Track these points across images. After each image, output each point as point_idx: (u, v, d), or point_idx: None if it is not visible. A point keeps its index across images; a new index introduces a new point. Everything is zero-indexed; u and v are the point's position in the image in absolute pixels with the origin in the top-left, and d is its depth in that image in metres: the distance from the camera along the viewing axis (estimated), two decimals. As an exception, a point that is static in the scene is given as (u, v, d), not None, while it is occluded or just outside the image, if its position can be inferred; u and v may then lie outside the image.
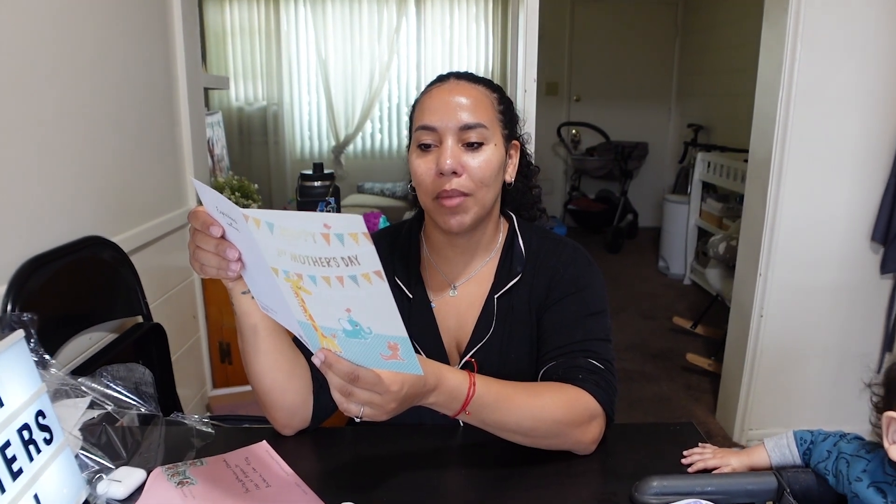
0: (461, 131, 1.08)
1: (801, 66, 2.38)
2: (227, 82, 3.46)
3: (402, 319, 0.70)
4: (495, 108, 1.14)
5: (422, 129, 1.10)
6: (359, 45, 5.16)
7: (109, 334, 1.82)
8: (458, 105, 1.09)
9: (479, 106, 1.10)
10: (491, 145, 1.10)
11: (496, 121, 1.13)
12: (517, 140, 1.22)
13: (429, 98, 1.13)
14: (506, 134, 1.16)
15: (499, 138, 1.12)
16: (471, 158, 1.08)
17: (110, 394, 1.07)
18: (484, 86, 1.16)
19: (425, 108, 1.11)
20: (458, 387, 0.92)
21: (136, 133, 2.03)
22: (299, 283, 0.73)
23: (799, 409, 2.75)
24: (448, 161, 1.06)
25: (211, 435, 1.13)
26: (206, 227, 0.84)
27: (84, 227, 1.72)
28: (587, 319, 1.13)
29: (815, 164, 2.48)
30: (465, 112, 1.08)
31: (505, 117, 1.16)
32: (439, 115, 1.09)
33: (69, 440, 0.94)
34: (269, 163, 5.27)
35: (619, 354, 3.63)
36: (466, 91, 1.11)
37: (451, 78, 1.16)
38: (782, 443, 1.07)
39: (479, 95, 1.12)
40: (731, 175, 4.15)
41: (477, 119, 1.08)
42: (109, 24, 1.88)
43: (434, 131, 1.09)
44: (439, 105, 1.10)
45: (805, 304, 2.63)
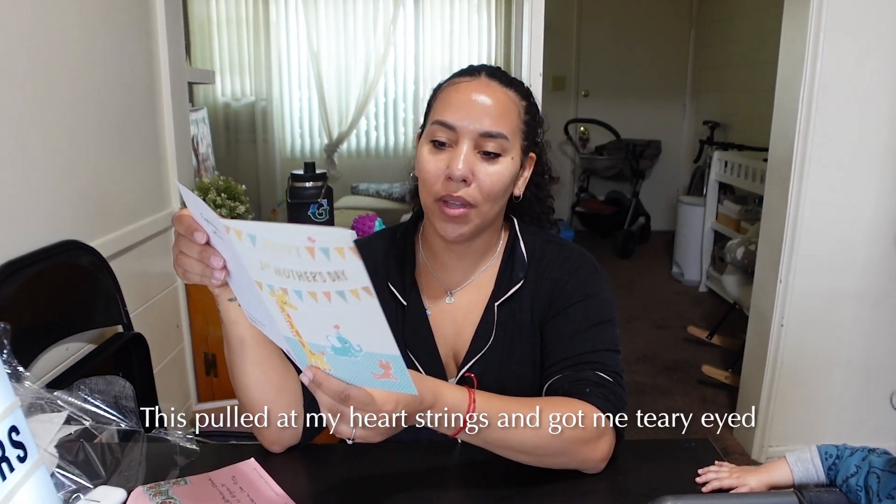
0: (480, 138, 1.07)
1: (824, 59, 2.39)
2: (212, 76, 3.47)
3: (394, 336, 0.70)
4: (521, 117, 1.13)
5: (439, 125, 1.09)
6: (353, 37, 5.16)
7: (87, 345, 1.82)
8: (484, 108, 1.08)
9: (505, 114, 1.09)
10: (507, 158, 1.09)
11: (518, 132, 1.12)
12: (535, 151, 1.20)
13: (455, 91, 1.11)
14: (524, 146, 1.15)
15: (517, 151, 1.12)
16: (483, 168, 1.08)
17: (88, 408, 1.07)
18: (515, 91, 1.14)
19: (449, 103, 1.10)
20: (456, 404, 0.92)
21: (115, 131, 2.03)
22: (284, 297, 0.73)
23: (822, 424, 2.75)
24: (460, 167, 1.05)
25: (195, 452, 1.13)
26: (191, 232, 0.84)
27: (60, 231, 1.72)
28: (594, 329, 1.13)
29: (840, 164, 2.48)
30: (489, 118, 1.07)
31: (528, 127, 1.15)
32: (462, 114, 1.07)
33: (45, 458, 0.94)
34: (258, 162, 5.27)
35: (630, 366, 3.63)
36: (495, 94, 1.10)
37: (482, 74, 1.14)
38: (805, 457, 1.07)
39: (507, 102, 1.11)
40: (749, 175, 4.16)
41: (499, 128, 1.08)
42: (87, 14, 1.88)
43: (452, 130, 1.08)
44: (464, 103, 1.09)
45: (829, 313, 2.63)
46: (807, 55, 2.40)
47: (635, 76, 6.47)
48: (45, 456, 0.95)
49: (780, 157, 2.59)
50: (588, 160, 6.32)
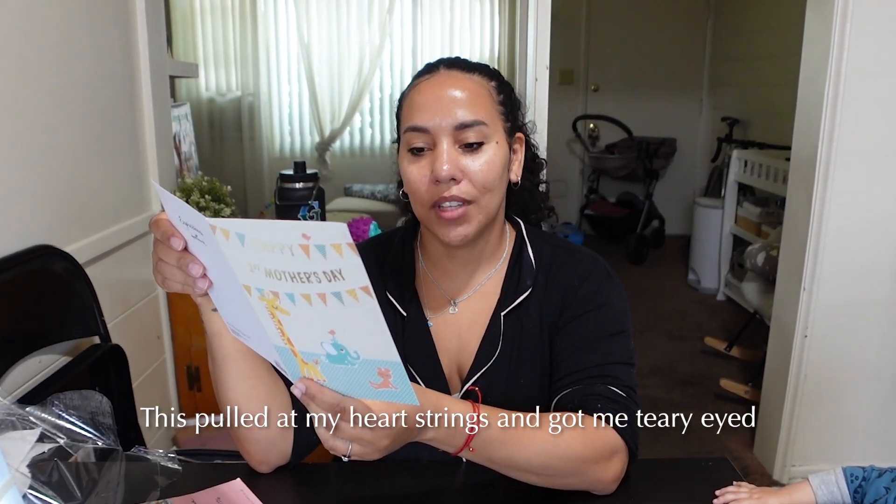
0: (457, 131, 1.08)
1: (851, 50, 2.38)
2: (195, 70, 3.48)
3: (394, 341, 0.70)
4: (494, 99, 1.14)
5: (412, 132, 1.10)
6: (346, 28, 5.17)
7: (62, 357, 1.82)
8: (452, 100, 1.09)
9: (476, 99, 1.10)
10: (492, 144, 1.10)
11: (496, 114, 1.13)
12: (521, 131, 1.21)
13: (417, 93, 1.13)
14: (508, 127, 1.15)
15: (500, 134, 1.12)
16: (470, 161, 1.08)
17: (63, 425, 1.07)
18: (479, 74, 1.15)
19: (414, 106, 1.11)
20: (460, 419, 0.92)
21: (91, 128, 2.04)
22: (275, 302, 0.72)
23: (848, 442, 2.74)
24: (445, 167, 1.06)
25: (177, 472, 1.13)
26: (167, 237, 0.84)
27: (32, 236, 1.72)
28: (607, 340, 1.13)
29: (867, 164, 2.48)
30: (461, 108, 1.08)
31: (506, 108, 1.16)
32: (430, 113, 1.08)
33: (16, 478, 0.93)
34: (244, 161, 5.27)
35: (643, 380, 3.63)
36: (460, 83, 1.11)
37: (440, 67, 1.16)
38: (830, 479, 1.07)
39: (474, 87, 1.12)
40: (770, 176, 4.16)
41: (475, 116, 1.08)
42: (60, 3, 1.88)
43: (426, 133, 1.09)
44: (430, 102, 1.10)
45: (856, 323, 2.62)
46: (832, 46, 2.40)
47: (649, 69, 6.47)
48: (16, 476, 0.95)
49: (804, 155, 2.59)
50: (598, 159, 6.32)
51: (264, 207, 4.24)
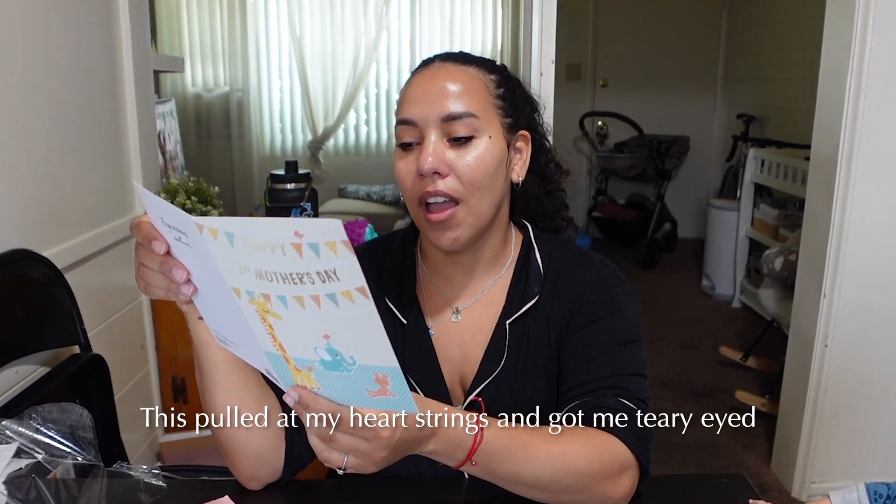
0: (445, 123, 1.09)
1: (874, 44, 2.38)
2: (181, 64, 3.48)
3: (392, 347, 0.70)
4: (490, 92, 1.14)
5: (401, 125, 1.12)
6: (340, 19, 5.17)
7: (40, 367, 1.82)
8: (440, 92, 1.10)
9: (467, 91, 1.11)
10: (484, 138, 1.10)
11: (491, 107, 1.13)
12: (527, 130, 1.21)
13: (409, 87, 1.14)
14: (508, 123, 1.16)
15: (496, 129, 1.13)
16: (458, 155, 1.09)
17: (41, 439, 1.07)
18: (476, 66, 1.16)
19: (405, 100, 1.13)
20: (461, 431, 0.92)
21: (71, 125, 2.04)
22: (266, 305, 0.72)
23: (871, 457, 2.74)
24: (429, 160, 1.06)
25: (162, 489, 1.13)
26: (148, 241, 0.84)
27: (8, 239, 1.72)
28: (617, 350, 1.13)
29: (892, 162, 2.48)
30: (450, 99, 1.09)
31: (506, 102, 1.16)
32: (419, 105, 1.10)
33: (-8, 495, 0.93)
34: (233, 161, 5.27)
35: (654, 391, 3.63)
36: (452, 74, 1.12)
37: (436, 61, 1.17)
38: (852, 497, 1.06)
39: (467, 78, 1.12)
40: (789, 176, 4.16)
41: (464, 107, 1.09)
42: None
43: (414, 126, 1.10)
44: (420, 94, 1.11)
45: (879, 332, 2.62)
46: (854, 37, 2.40)
47: (660, 64, 6.49)
48: (-8, 493, 0.95)
49: (824, 154, 2.59)
50: (606, 159, 6.33)
51: (254, 209, 4.23)
